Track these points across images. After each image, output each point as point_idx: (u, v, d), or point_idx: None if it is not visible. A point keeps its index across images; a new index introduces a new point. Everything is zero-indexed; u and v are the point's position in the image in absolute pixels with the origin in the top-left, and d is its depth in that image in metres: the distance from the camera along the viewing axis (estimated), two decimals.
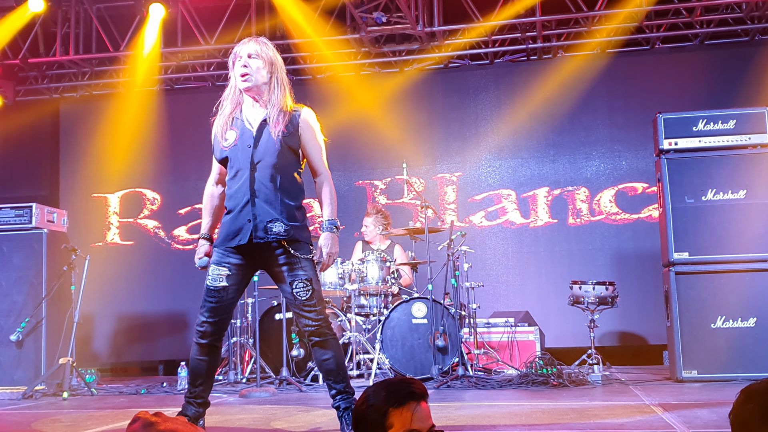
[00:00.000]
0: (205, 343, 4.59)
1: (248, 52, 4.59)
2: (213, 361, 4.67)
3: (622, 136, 10.51)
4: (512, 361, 8.59)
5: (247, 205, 4.52)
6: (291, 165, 4.62)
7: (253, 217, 4.50)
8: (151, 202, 11.58)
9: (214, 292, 4.56)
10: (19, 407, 7.04)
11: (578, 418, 5.19)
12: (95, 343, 11.29)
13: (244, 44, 4.64)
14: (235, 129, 4.63)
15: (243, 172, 4.55)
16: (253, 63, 4.58)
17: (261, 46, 4.64)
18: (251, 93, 4.64)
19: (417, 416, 2.18)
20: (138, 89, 11.36)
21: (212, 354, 4.64)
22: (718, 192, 7.42)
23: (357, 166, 11.12)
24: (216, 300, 4.56)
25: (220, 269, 4.57)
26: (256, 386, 7.50)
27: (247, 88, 4.61)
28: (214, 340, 4.61)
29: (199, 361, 4.62)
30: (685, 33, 10.47)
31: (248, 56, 4.59)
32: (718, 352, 7.20)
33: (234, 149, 4.59)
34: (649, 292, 9.56)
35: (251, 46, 4.62)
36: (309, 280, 4.53)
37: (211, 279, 4.57)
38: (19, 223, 8.37)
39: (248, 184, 4.51)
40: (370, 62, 11.23)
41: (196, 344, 4.61)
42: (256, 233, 4.49)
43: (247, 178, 4.53)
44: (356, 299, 8.39)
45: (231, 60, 4.66)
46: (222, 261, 4.59)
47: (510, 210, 10.73)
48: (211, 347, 4.62)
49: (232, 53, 4.66)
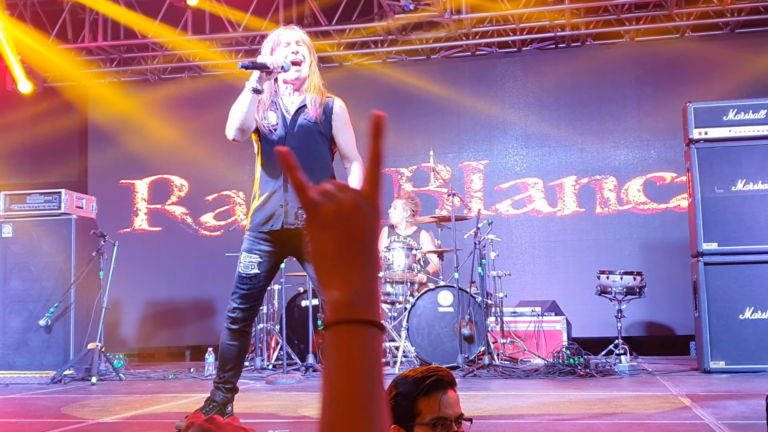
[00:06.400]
0: (236, 329, 4.64)
1: (296, 39, 4.60)
2: (243, 347, 4.71)
3: (651, 125, 10.42)
4: (539, 350, 8.57)
5: (279, 190, 4.57)
6: (324, 151, 4.68)
7: (285, 203, 4.54)
8: (179, 188, 11.63)
9: (246, 279, 4.61)
10: (48, 392, 7.11)
11: (606, 408, 5.17)
12: (123, 329, 11.37)
13: (287, 31, 4.63)
14: (275, 111, 4.65)
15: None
16: (302, 50, 4.60)
17: (303, 34, 4.66)
18: (296, 82, 4.65)
19: (445, 404, 2.18)
20: (166, 76, 11.40)
21: (243, 339, 4.69)
22: (748, 182, 7.36)
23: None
24: (248, 287, 4.61)
25: (251, 256, 4.62)
26: (283, 373, 7.53)
27: (295, 79, 4.62)
28: (245, 326, 4.67)
29: (230, 347, 4.66)
30: (715, 21, 10.36)
31: (296, 43, 4.59)
32: (747, 343, 7.15)
33: (273, 131, 4.63)
34: (677, 283, 9.49)
35: (297, 33, 4.62)
36: None
37: (243, 266, 4.62)
38: (48, 209, 8.44)
39: (282, 171, 4.53)
40: (397, 50, 11.21)
41: (227, 329, 4.65)
42: (287, 219, 4.52)
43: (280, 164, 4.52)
44: (382, 287, 8.38)
45: (271, 44, 4.62)
46: (253, 248, 4.63)
47: (537, 198, 10.68)
48: (242, 333, 4.67)
49: (271, 39, 4.64)
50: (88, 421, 5.18)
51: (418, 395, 2.18)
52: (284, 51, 4.58)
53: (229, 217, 11.41)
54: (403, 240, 8.37)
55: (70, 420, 5.25)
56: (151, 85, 11.90)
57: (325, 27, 10.72)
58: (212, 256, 10.62)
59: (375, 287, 1.01)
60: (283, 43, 4.59)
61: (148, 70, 11.80)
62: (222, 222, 11.43)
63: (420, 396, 2.18)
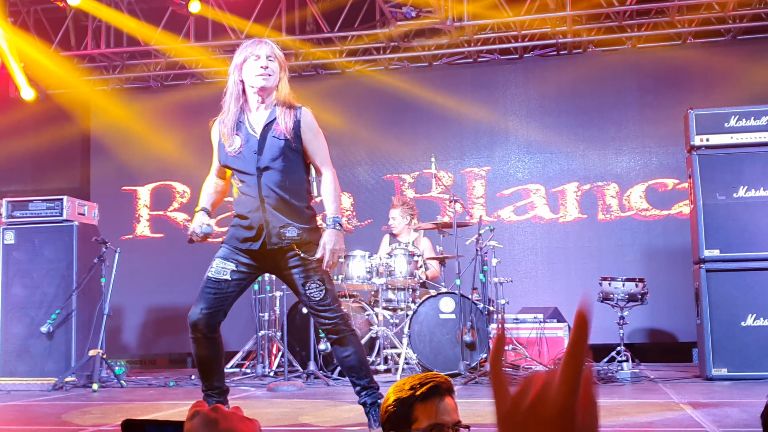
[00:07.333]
0: (200, 338, 4.52)
1: (266, 54, 4.55)
2: (215, 352, 4.60)
3: (653, 131, 10.42)
4: (541, 357, 8.55)
5: (257, 211, 4.51)
6: (297, 166, 4.61)
7: (266, 224, 4.48)
8: (181, 195, 11.64)
9: (215, 282, 4.53)
10: (49, 398, 7.11)
11: (607, 415, 5.16)
12: (125, 335, 11.37)
13: (258, 45, 4.57)
14: (240, 135, 4.60)
15: (251, 178, 4.53)
16: (272, 65, 4.56)
17: (275, 49, 4.61)
18: (263, 93, 4.60)
19: (442, 410, 2.19)
20: (169, 82, 11.42)
21: (211, 346, 4.57)
22: (750, 189, 7.35)
23: (385, 159, 11.12)
24: (214, 291, 4.52)
25: (226, 263, 4.56)
26: (284, 380, 7.53)
27: (262, 87, 4.56)
28: (208, 332, 4.52)
29: (201, 356, 4.57)
30: (717, 28, 10.36)
31: (267, 57, 4.56)
32: (749, 351, 7.14)
33: (240, 156, 4.58)
34: (679, 289, 9.48)
35: (268, 48, 4.57)
36: (321, 279, 4.51)
37: (215, 271, 4.55)
38: (50, 216, 8.44)
39: (257, 191, 4.50)
40: (399, 56, 11.22)
41: (193, 341, 4.54)
42: (270, 240, 4.48)
43: (255, 184, 4.51)
44: (384, 293, 8.39)
45: (240, 59, 4.58)
46: (230, 257, 4.57)
47: (539, 205, 10.68)
48: (208, 339, 4.54)
49: (242, 52, 4.60)
50: (89, 427, 5.17)
51: (416, 401, 2.18)
52: (252, 67, 4.55)
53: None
54: (404, 247, 8.38)
55: (71, 427, 5.25)
56: (153, 91, 11.92)
57: (327, 34, 10.75)
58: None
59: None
60: (253, 57, 4.56)
61: (151, 77, 11.83)
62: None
63: (417, 402, 2.18)
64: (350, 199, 11.08)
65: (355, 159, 10.88)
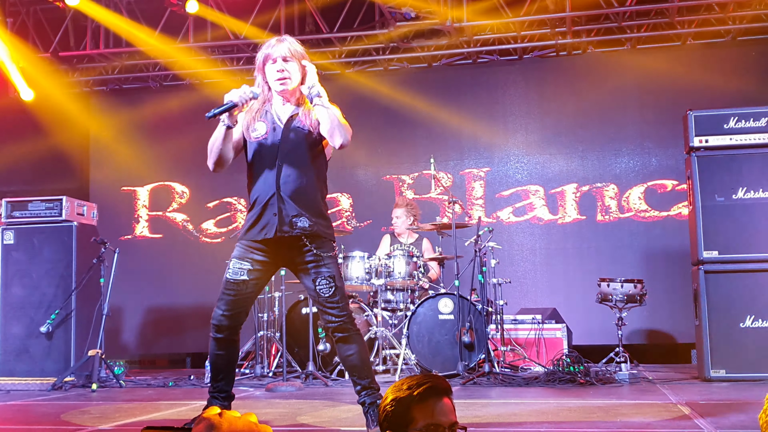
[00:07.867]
0: (221, 338, 4.61)
1: (283, 55, 4.54)
2: (232, 355, 4.69)
3: (652, 132, 10.42)
4: (539, 358, 8.56)
5: (272, 197, 4.52)
6: (317, 160, 4.64)
7: (279, 211, 4.50)
8: (180, 195, 11.65)
9: (234, 284, 4.56)
10: (48, 398, 7.11)
11: (605, 416, 5.16)
12: (124, 336, 11.38)
13: (275, 46, 4.57)
14: (265, 121, 4.64)
15: (270, 166, 4.56)
16: (289, 66, 4.57)
17: (292, 46, 4.60)
18: (285, 94, 4.63)
19: (439, 411, 2.19)
20: (168, 83, 11.41)
21: (230, 348, 4.65)
22: (749, 190, 7.35)
23: (384, 160, 11.12)
24: (234, 293, 4.57)
25: (242, 263, 4.58)
26: (283, 380, 7.53)
27: (283, 91, 4.61)
28: (230, 334, 4.61)
29: (218, 356, 4.64)
30: (717, 29, 10.36)
31: (283, 60, 4.56)
32: (747, 352, 7.14)
33: (263, 142, 4.61)
34: (678, 291, 9.49)
35: (284, 48, 4.56)
36: (332, 277, 4.54)
37: (232, 272, 4.58)
38: (50, 216, 8.44)
39: (275, 178, 4.52)
40: (399, 57, 11.23)
41: (213, 339, 4.62)
42: (282, 227, 4.49)
43: (274, 172, 4.54)
44: (383, 294, 8.39)
45: (260, 60, 4.61)
46: (245, 256, 4.59)
47: (538, 206, 10.69)
48: (228, 341, 4.63)
49: (262, 53, 4.62)
50: (87, 427, 5.17)
51: (413, 402, 2.19)
52: (270, 72, 4.56)
53: (231, 224, 11.42)
54: (404, 248, 8.39)
55: (70, 426, 5.25)
56: (152, 92, 11.93)
57: (326, 35, 10.76)
58: (213, 263, 10.56)
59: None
60: (270, 60, 4.58)
61: (150, 77, 11.83)
62: (223, 229, 11.44)
63: (414, 402, 2.18)
64: (349, 200, 11.10)
65: (354, 160, 10.87)
